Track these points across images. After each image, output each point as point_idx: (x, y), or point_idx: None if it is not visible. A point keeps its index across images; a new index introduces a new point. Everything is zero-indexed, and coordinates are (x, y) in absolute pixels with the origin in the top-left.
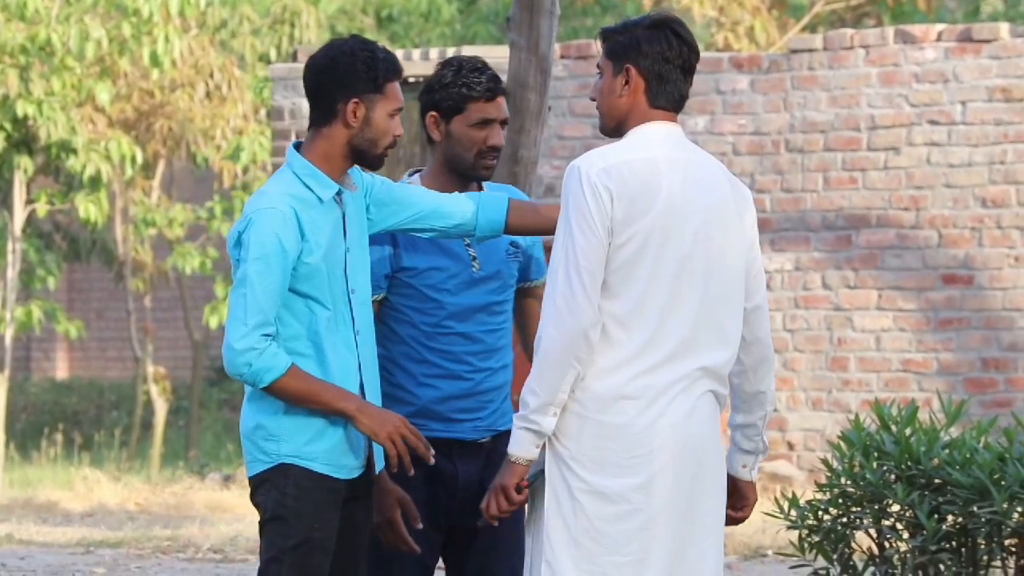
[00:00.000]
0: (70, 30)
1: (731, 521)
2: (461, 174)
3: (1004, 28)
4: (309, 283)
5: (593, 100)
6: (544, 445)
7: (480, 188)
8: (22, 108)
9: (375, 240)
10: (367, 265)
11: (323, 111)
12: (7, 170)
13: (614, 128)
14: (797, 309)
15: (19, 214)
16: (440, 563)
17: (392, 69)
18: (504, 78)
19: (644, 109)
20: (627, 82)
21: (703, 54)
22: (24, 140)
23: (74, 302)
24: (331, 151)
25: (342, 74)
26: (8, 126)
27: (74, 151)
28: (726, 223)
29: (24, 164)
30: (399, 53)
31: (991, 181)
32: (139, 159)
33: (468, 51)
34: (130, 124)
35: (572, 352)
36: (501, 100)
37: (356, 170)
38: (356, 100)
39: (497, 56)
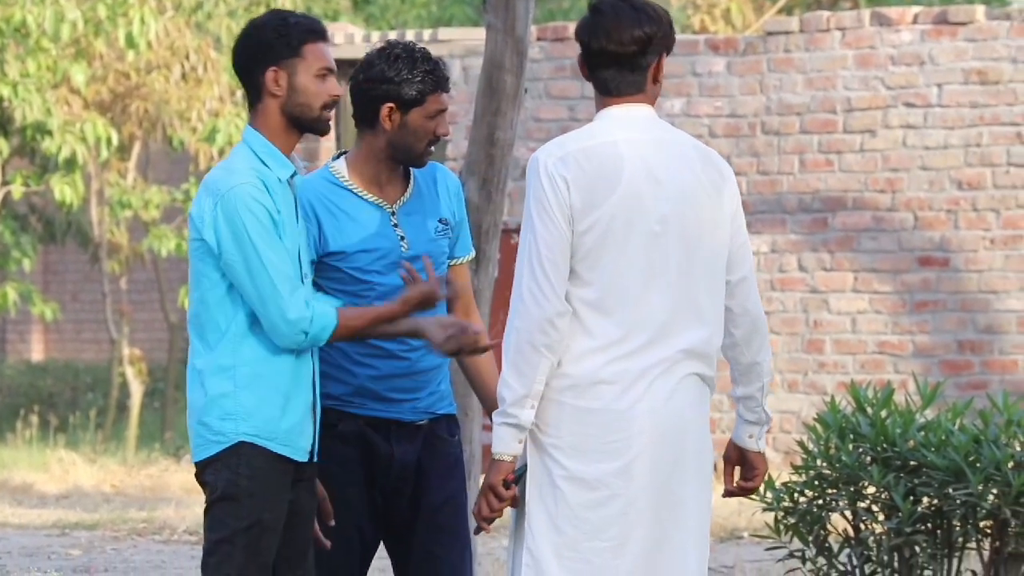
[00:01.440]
0: (45, 11)
1: (742, 492)
2: (403, 162)
3: (980, 10)
4: None
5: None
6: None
7: (407, 175)
8: None
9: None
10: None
11: (252, 88)
12: None
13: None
14: (773, 291)
15: None
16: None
17: (308, 30)
18: (480, 61)
19: (601, 98)
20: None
21: (679, 36)
22: None
23: (49, 284)
24: (271, 125)
25: (256, 47)
26: None
27: (49, 133)
28: (698, 201)
29: None
30: (375, 35)
31: (967, 164)
32: (115, 141)
33: (443, 34)
34: (105, 106)
35: (540, 342)
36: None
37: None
38: (274, 68)
39: (474, 38)
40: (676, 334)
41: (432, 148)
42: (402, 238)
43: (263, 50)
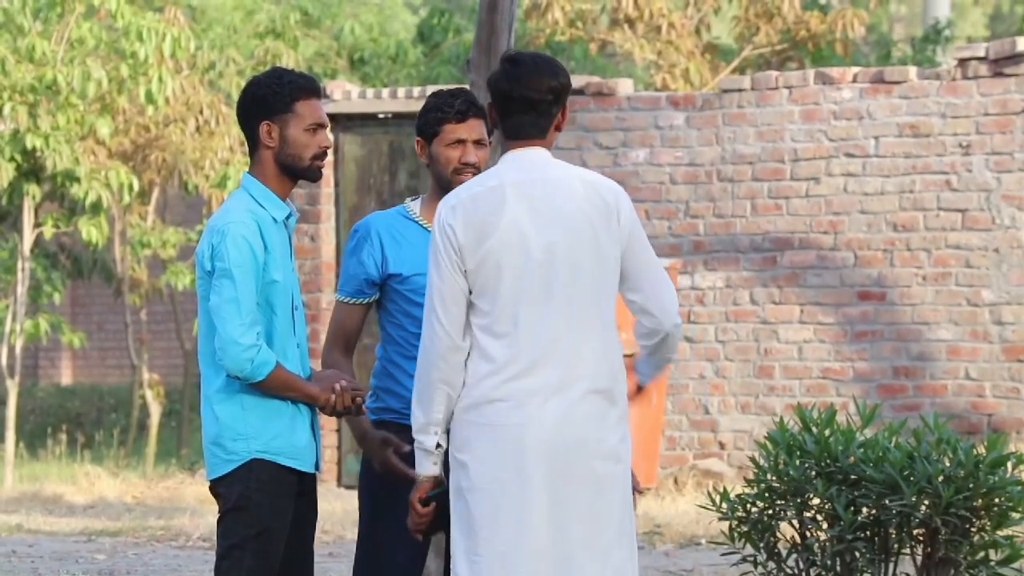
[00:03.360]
0: (74, 71)
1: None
2: (446, 189)
3: (912, 71)
4: (271, 292)
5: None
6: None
7: None
8: (31, 141)
9: (366, 247)
10: (300, 286)
11: (250, 139)
12: (17, 197)
13: None
14: (728, 322)
15: (28, 236)
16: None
17: (301, 88)
18: None
19: (505, 143)
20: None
21: (643, 93)
22: (32, 170)
23: (77, 315)
24: (267, 172)
25: (252, 102)
26: (18, 157)
27: (77, 179)
28: (581, 231)
29: (32, 191)
30: (370, 92)
31: (901, 208)
32: (136, 187)
33: (432, 90)
34: (128, 155)
35: (435, 376)
36: (473, 121)
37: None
38: (268, 122)
39: None
40: (568, 353)
41: (464, 175)
42: None
43: (259, 105)
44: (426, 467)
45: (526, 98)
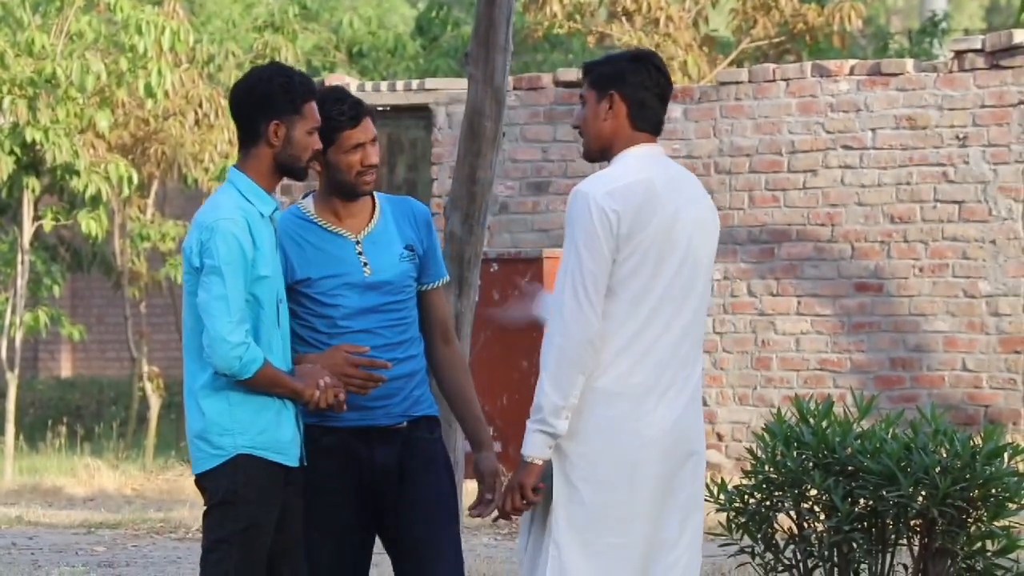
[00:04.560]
0: (73, 65)
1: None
2: (347, 194)
3: (909, 63)
4: (259, 287)
5: (576, 128)
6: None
7: (373, 200)
8: (30, 134)
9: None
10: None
11: (249, 133)
12: (17, 190)
13: (599, 151)
14: (725, 314)
15: (27, 229)
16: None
17: (308, 91)
18: (463, 108)
19: (628, 133)
20: (611, 107)
21: None
22: (32, 163)
23: (77, 308)
24: (260, 168)
25: (262, 98)
26: (18, 150)
27: (77, 173)
28: (708, 235)
29: (32, 184)
30: (368, 85)
31: (898, 200)
32: (135, 180)
33: (430, 83)
34: (127, 148)
35: (580, 358)
36: (366, 122)
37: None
38: (277, 121)
39: (457, 87)
40: (685, 355)
41: (367, 177)
42: (365, 264)
43: (268, 102)
44: (543, 450)
45: (667, 95)
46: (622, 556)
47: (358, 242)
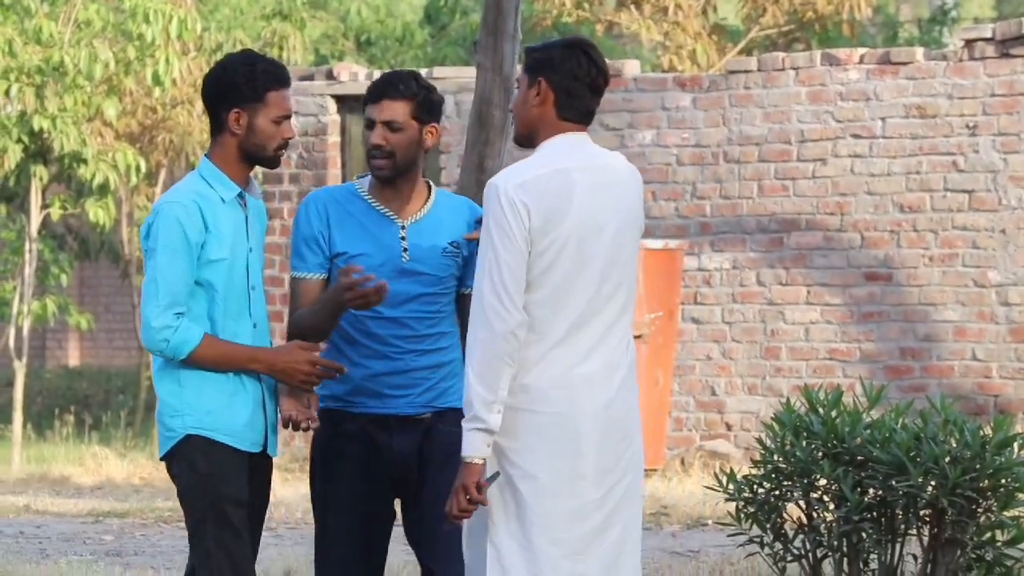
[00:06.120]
0: (81, 53)
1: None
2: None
3: (919, 52)
4: (210, 272)
5: (510, 111)
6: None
7: (429, 190)
8: (38, 123)
9: (314, 223)
10: (263, 265)
11: (214, 121)
12: (24, 178)
13: (526, 136)
14: (734, 304)
15: (35, 218)
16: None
17: (274, 78)
18: (471, 96)
19: (553, 120)
20: (538, 93)
21: (650, 74)
22: (40, 151)
23: (84, 297)
24: (227, 156)
25: (223, 87)
26: (26, 139)
27: (84, 161)
28: (633, 222)
29: (40, 173)
30: (376, 74)
31: (908, 189)
32: (143, 168)
33: (438, 72)
34: (135, 137)
35: (504, 351)
36: (386, 102)
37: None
38: (237, 110)
39: (465, 76)
40: (615, 341)
41: (378, 161)
42: (405, 249)
43: (229, 90)
44: (480, 448)
45: (599, 85)
46: (562, 552)
47: (403, 227)
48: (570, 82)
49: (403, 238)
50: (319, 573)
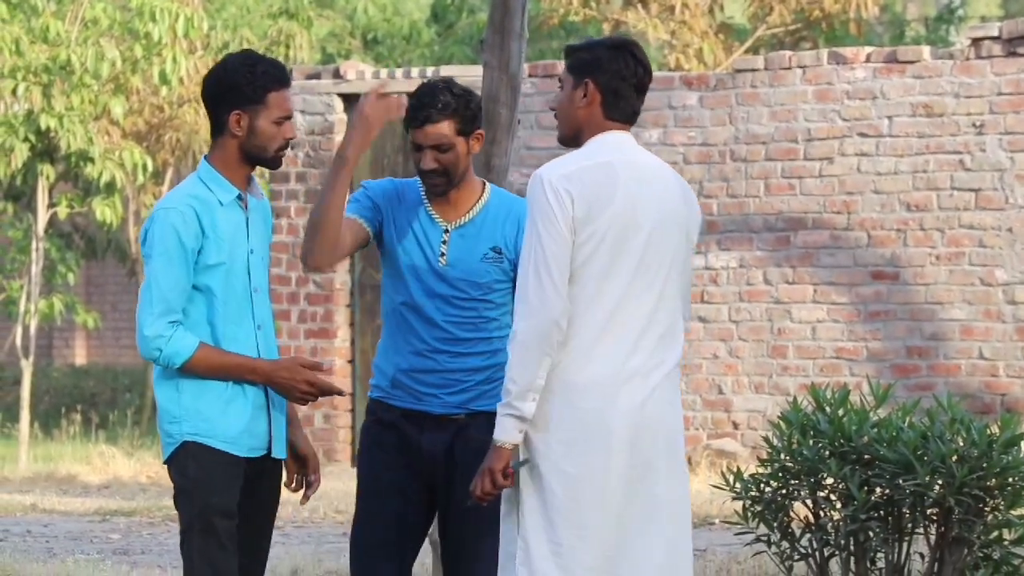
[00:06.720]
0: (87, 51)
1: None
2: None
3: (926, 51)
4: (208, 276)
5: (553, 111)
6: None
7: (482, 192)
8: (45, 121)
9: (388, 194)
10: (268, 266)
11: (215, 123)
12: (31, 177)
13: (571, 137)
14: (741, 302)
15: (42, 216)
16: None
17: (274, 79)
18: (478, 94)
19: (599, 120)
20: (585, 95)
21: (656, 73)
22: (47, 150)
23: (91, 295)
24: (227, 158)
25: (224, 89)
26: (32, 137)
27: (91, 160)
28: (677, 225)
29: (47, 171)
30: (383, 72)
31: (914, 188)
32: (150, 167)
33: (445, 71)
34: (142, 135)
35: (546, 340)
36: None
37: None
38: (238, 112)
39: (472, 74)
40: (655, 338)
41: (433, 180)
42: (443, 253)
43: (229, 92)
44: (513, 434)
45: (645, 85)
46: (590, 549)
47: (446, 231)
48: (618, 83)
49: (444, 242)
50: (352, 554)
